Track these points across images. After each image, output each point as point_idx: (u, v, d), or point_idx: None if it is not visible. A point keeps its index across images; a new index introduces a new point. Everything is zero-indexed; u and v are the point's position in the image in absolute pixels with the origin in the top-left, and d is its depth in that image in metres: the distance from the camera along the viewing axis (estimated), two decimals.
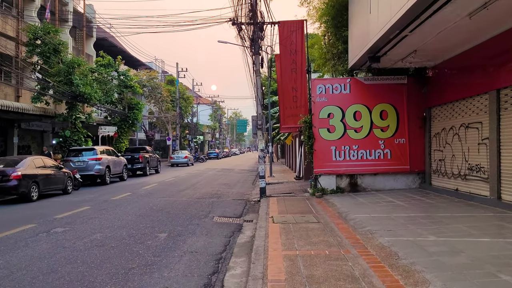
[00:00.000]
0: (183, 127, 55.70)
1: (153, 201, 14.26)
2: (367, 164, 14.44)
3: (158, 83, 47.18)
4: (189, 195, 16.07)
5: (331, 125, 14.46)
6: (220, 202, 14.17)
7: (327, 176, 14.50)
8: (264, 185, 14.66)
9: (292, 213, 10.87)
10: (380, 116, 14.47)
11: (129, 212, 11.88)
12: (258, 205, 13.57)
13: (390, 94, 14.49)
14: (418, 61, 13.09)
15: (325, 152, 14.47)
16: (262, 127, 14.70)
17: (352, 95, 14.52)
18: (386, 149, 14.44)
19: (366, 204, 11.62)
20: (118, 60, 30.57)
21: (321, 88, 14.52)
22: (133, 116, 30.84)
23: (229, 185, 20.57)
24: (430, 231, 7.72)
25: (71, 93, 22.47)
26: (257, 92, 14.68)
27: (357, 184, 14.61)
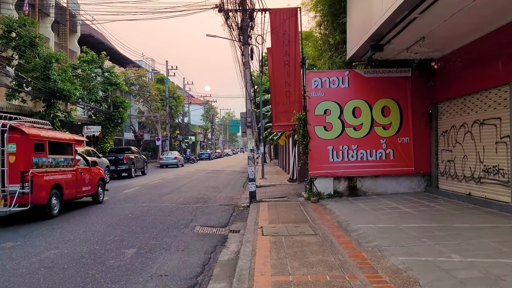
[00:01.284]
0: (174, 127, 54.14)
1: (130, 208, 12.82)
2: (367, 166, 13.09)
3: (147, 81, 45.62)
4: (172, 200, 14.63)
5: (327, 122, 13.09)
6: (205, 208, 12.76)
7: (323, 179, 13.13)
8: (254, 189, 13.27)
9: (285, 222, 9.48)
10: (381, 113, 13.13)
11: (99, 221, 10.43)
12: (247, 211, 12.19)
13: (393, 89, 13.17)
14: (424, 51, 11.77)
15: (321, 152, 13.10)
16: (252, 124, 13.32)
17: (351, 90, 13.17)
18: (389, 149, 13.10)
19: (368, 211, 10.26)
20: (102, 56, 29.01)
21: (317, 81, 13.16)
22: (119, 115, 29.31)
23: (217, 188, 19.15)
24: (451, 247, 6.36)
25: (48, 89, 20.93)
26: (246, 86, 13.29)
27: (356, 188, 13.26)
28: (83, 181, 13.18)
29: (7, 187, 10.03)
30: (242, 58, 13.81)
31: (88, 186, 13.50)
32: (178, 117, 56.27)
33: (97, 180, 14.20)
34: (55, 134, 12.63)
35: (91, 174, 13.82)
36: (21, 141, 10.36)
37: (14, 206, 9.99)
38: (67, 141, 12.84)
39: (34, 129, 11.23)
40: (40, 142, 11.05)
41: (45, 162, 11.17)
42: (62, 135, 13.74)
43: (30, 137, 10.58)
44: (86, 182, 13.35)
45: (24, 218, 11.06)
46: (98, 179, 14.31)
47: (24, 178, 10.18)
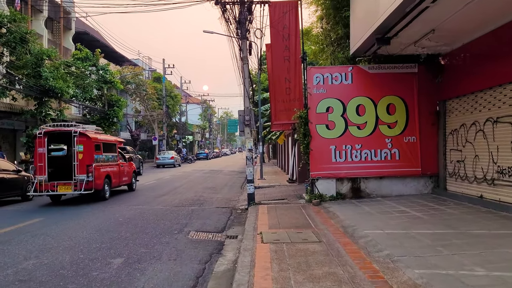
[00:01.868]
0: (171, 127, 53.44)
1: (121, 211, 12.15)
2: (372, 166, 12.45)
3: (143, 80, 44.89)
4: (167, 202, 13.96)
5: (330, 120, 12.45)
6: (201, 211, 12.10)
7: (325, 180, 12.49)
8: (252, 191, 12.61)
9: (286, 227, 8.82)
10: (387, 111, 12.49)
11: (87, 226, 9.76)
12: (245, 214, 11.54)
13: (399, 85, 12.53)
14: (432, 45, 11.14)
15: (324, 152, 12.45)
16: (251, 123, 12.66)
17: (354, 86, 12.52)
18: (394, 148, 12.47)
19: (374, 215, 9.61)
20: (96, 53, 28.29)
21: (319, 78, 12.51)
22: (113, 114, 28.57)
23: (215, 189, 18.49)
24: (472, 258, 5.71)
25: (39, 87, 20.22)
26: (244, 82, 12.62)
27: (360, 190, 12.61)
28: (123, 173, 16.93)
29: (77, 177, 13.77)
30: (240, 53, 13.15)
31: (126, 177, 17.31)
32: (175, 116, 55.55)
33: (131, 172, 18.02)
34: (106, 137, 16.60)
35: (128, 168, 17.60)
36: (86, 143, 14.17)
37: (82, 190, 13.62)
38: (113, 142, 16.62)
39: (94, 134, 15.01)
40: (98, 143, 14.80)
41: (101, 158, 14.88)
42: (110, 137, 17.52)
43: (92, 140, 14.38)
44: (125, 174, 17.09)
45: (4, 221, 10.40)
46: (132, 171, 18.17)
47: (88, 170, 13.89)
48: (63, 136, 14.88)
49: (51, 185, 13.73)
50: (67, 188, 13.78)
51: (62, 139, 15.90)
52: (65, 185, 13.80)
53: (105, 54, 38.92)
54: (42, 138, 13.99)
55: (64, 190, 13.82)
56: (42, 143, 14.01)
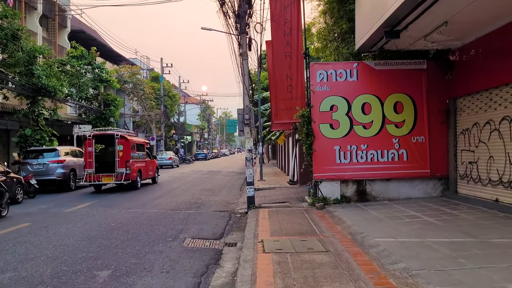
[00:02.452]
0: (169, 127, 52.75)
1: (114, 215, 11.48)
2: (378, 168, 11.82)
3: (141, 79, 44.21)
4: (163, 205, 13.30)
5: (334, 119, 11.81)
6: (198, 215, 11.45)
7: (329, 182, 11.85)
8: (252, 194, 11.96)
9: (289, 234, 8.17)
10: (394, 109, 11.86)
11: (75, 233, 9.09)
12: (245, 219, 10.90)
13: (406, 82, 11.90)
14: (443, 39, 10.51)
15: (327, 152, 11.82)
16: (250, 122, 12.00)
17: (360, 83, 11.89)
18: (402, 149, 11.83)
19: (383, 220, 8.97)
20: (92, 51, 27.61)
21: (322, 74, 11.86)
22: (110, 113, 27.89)
23: (213, 191, 17.83)
24: (502, 273, 5.08)
25: (32, 85, 19.53)
26: (243, 79, 11.97)
27: (366, 192, 11.98)
28: (149, 168, 20.98)
29: (118, 170, 17.51)
30: (239, 49, 12.50)
31: (151, 172, 21.34)
32: (173, 116, 54.87)
33: (155, 168, 22.18)
34: (138, 139, 20.98)
35: (152, 164, 21.75)
36: (125, 144, 17.98)
37: (122, 181, 17.38)
38: (142, 143, 20.84)
39: (131, 137, 19.11)
40: (133, 144, 18.69)
41: (135, 156, 18.61)
42: (141, 139, 22.06)
43: (129, 141, 18.27)
44: (150, 169, 21.13)
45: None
46: (155, 167, 22.23)
47: (127, 165, 17.65)
48: (106, 138, 18.65)
49: (97, 176, 17.49)
50: (109, 179, 17.69)
51: (105, 141, 19.08)
52: (108, 177, 17.66)
53: (102, 53, 38.24)
54: (91, 140, 17.74)
55: (107, 180, 17.75)
56: (90, 144, 17.67)
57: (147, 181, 21.41)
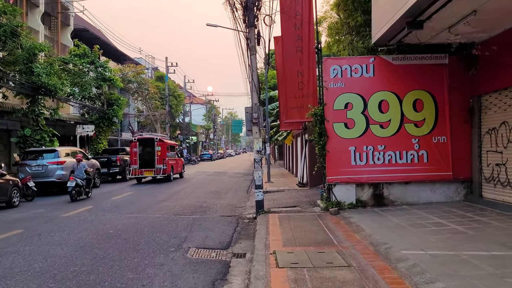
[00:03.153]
0: (174, 127, 52.08)
1: (114, 220, 10.75)
2: (396, 170, 11.01)
3: (145, 78, 43.58)
4: (166, 210, 12.57)
5: (349, 118, 11.02)
6: (203, 221, 10.69)
7: (344, 186, 11.05)
8: (261, 198, 11.19)
9: (304, 244, 7.40)
10: (413, 107, 11.05)
11: (69, 241, 8.36)
12: (254, 225, 10.16)
13: (427, 78, 11.08)
14: (468, 31, 9.68)
15: (342, 154, 11.03)
16: (259, 121, 11.24)
17: (376, 80, 11.09)
18: (422, 150, 11.02)
19: (406, 229, 8.17)
20: (95, 50, 26.95)
21: (336, 70, 11.07)
22: (113, 113, 27.20)
23: (219, 193, 17.08)
24: None
25: (31, 84, 18.87)
26: (252, 75, 11.20)
27: (383, 196, 11.18)
28: (179, 165, 26.21)
29: (157, 166, 22.23)
30: (246, 44, 11.72)
31: (179, 168, 26.44)
32: (178, 116, 54.20)
33: (182, 165, 27.27)
34: (171, 142, 26.88)
35: (180, 162, 27.16)
36: (162, 145, 22.86)
37: (160, 174, 22.26)
38: (173, 145, 26.58)
39: (166, 140, 24.53)
40: (167, 145, 23.70)
41: (169, 155, 23.55)
42: (172, 142, 28.16)
43: (165, 143, 23.45)
44: (179, 165, 26.29)
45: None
46: (182, 164, 27.61)
47: (163, 162, 22.31)
48: (147, 141, 23.55)
49: (140, 171, 22.47)
50: (150, 173, 22.61)
51: (146, 143, 23.53)
52: (148, 171, 22.63)
53: (106, 52, 37.67)
54: (136, 142, 23.02)
55: (148, 174, 22.72)
56: (135, 145, 22.87)
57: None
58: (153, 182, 22.93)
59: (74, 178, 14.90)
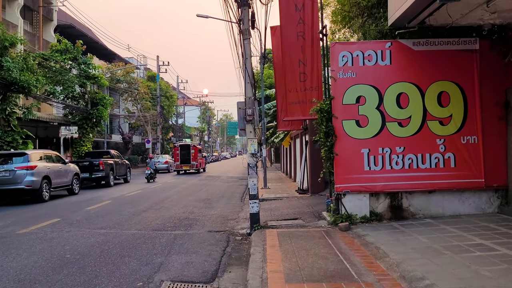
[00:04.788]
0: (166, 129, 50.17)
1: (78, 239, 8.88)
2: (418, 177, 9.22)
3: (136, 78, 41.69)
4: (145, 223, 10.72)
5: (361, 115, 9.23)
6: (187, 238, 8.85)
7: (355, 196, 9.25)
8: (257, 210, 9.36)
9: (314, 279, 5.57)
10: (438, 101, 9.28)
11: (7, 271, 6.47)
12: (247, 243, 8.36)
13: (454, 67, 9.33)
14: (508, 8, 7.91)
15: (353, 157, 9.23)
16: (254, 118, 9.41)
17: (394, 68, 9.31)
18: (448, 152, 9.24)
19: (441, 253, 6.38)
20: (78, 45, 25.02)
21: (346, 57, 9.28)
22: (97, 113, 25.27)
23: (209, 201, 15.22)
24: None
25: (1, 80, 16.95)
26: (245, 64, 9.38)
27: (401, 208, 9.38)
28: (203, 162, 38.01)
29: (192, 163, 34.05)
30: (238, 25, 9.88)
31: (203, 165, 37.93)
32: (171, 117, 52.29)
33: (204, 162, 39.07)
34: (199, 147, 37.21)
35: (203, 160, 38.57)
36: (195, 149, 34.51)
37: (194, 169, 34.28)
38: (200, 148, 37.72)
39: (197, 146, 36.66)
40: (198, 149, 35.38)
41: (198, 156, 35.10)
42: (199, 147, 37.43)
43: (197, 148, 35.18)
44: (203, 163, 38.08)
45: None
46: (205, 162, 39.61)
47: (196, 160, 34.00)
48: (185, 146, 34.86)
49: (180, 166, 33.73)
50: (187, 167, 33.59)
51: (184, 147, 34.49)
52: (186, 166, 33.59)
53: (94, 51, 35.84)
54: (178, 147, 34.35)
55: (185, 168, 33.66)
56: (177, 149, 34.17)
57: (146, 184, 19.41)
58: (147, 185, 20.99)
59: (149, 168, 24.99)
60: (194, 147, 34.55)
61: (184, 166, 33.65)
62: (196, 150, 34.21)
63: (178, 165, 33.81)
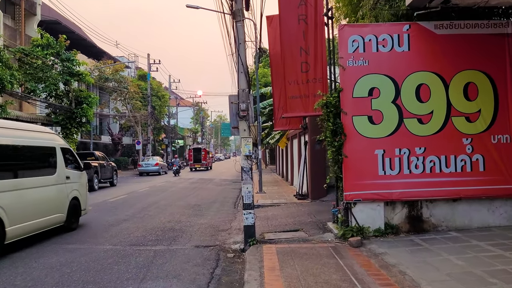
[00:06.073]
0: (158, 130, 48.61)
1: (38, 256, 7.42)
2: (441, 182, 7.87)
3: (125, 77, 40.15)
4: (123, 236, 9.27)
5: (375, 110, 7.87)
6: (169, 256, 7.43)
7: (368, 205, 7.88)
8: (252, 222, 7.96)
9: None
10: (464, 94, 7.94)
11: None
12: (241, 263, 6.97)
13: (482, 54, 8.00)
14: None
15: (365, 159, 7.86)
16: (248, 114, 8.00)
17: (413, 56, 7.96)
18: (476, 153, 7.90)
19: (485, 280, 5.06)
20: (61, 40, 23.45)
21: (357, 42, 7.91)
22: (81, 112, 23.70)
23: (199, 208, 13.78)
24: None
25: None
26: (238, 50, 7.98)
27: (421, 219, 8.03)
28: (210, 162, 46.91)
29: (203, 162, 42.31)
30: (230, 9, 8.46)
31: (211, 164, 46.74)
32: (163, 118, 50.73)
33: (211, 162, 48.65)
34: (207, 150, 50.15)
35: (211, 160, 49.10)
36: (205, 151, 43.83)
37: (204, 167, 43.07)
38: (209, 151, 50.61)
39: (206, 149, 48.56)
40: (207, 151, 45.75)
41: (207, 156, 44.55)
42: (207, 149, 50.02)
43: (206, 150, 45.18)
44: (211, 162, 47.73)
45: None
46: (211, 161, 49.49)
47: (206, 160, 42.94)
48: (197, 148, 43.90)
49: (193, 164, 41.72)
50: (199, 166, 41.51)
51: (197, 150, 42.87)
52: (198, 165, 41.62)
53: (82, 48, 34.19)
54: (191, 149, 43.72)
55: (198, 166, 41.63)
56: (191, 151, 43.22)
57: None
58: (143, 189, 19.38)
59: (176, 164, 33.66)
60: (204, 150, 43.43)
61: (196, 165, 41.52)
62: (205, 152, 43.17)
63: (192, 163, 41.88)
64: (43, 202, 8.71)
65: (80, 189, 10.46)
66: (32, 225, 8.23)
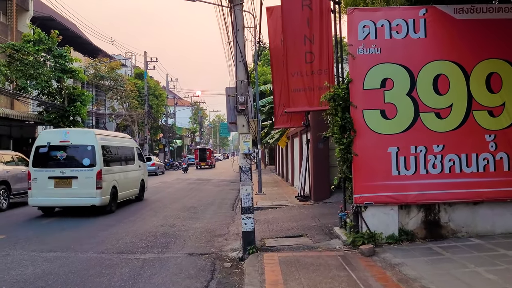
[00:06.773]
0: (155, 129, 47.79)
1: (10, 268, 6.64)
2: (461, 184, 7.10)
3: (121, 75, 39.33)
4: (110, 241, 8.48)
5: (388, 103, 7.09)
6: (159, 266, 6.64)
7: (380, 209, 7.10)
8: (251, 228, 7.17)
9: None
10: (487, 86, 7.18)
11: None
12: (239, 275, 6.20)
13: (506, 42, 7.21)
14: None
15: (377, 158, 7.09)
16: (247, 108, 7.22)
17: (430, 43, 7.18)
18: (500, 151, 7.14)
19: None
20: (53, 35, 22.63)
21: (368, 28, 7.13)
22: (74, 110, 22.90)
23: (195, 211, 12.98)
24: None
25: None
26: (236, 37, 7.20)
27: (439, 224, 7.26)
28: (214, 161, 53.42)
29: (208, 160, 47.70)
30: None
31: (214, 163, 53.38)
32: (160, 117, 49.89)
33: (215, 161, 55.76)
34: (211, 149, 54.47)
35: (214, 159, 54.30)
36: (209, 151, 49.61)
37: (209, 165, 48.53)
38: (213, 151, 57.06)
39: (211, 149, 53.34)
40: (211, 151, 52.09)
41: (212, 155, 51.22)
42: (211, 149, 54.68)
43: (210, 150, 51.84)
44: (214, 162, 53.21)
45: None
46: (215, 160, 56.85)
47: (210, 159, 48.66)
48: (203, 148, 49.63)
49: (199, 163, 46.74)
50: (204, 164, 46.45)
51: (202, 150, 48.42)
52: (203, 163, 46.54)
53: (77, 46, 33.50)
54: (197, 149, 49.25)
55: (202, 164, 46.59)
56: (197, 151, 48.84)
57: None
58: None
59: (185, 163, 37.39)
60: (208, 150, 48.55)
61: (201, 163, 46.21)
62: (210, 152, 48.14)
63: (198, 162, 46.41)
64: (131, 180, 14.24)
65: (144, 175, 15.95)
66: (127, 193, 13.66)
